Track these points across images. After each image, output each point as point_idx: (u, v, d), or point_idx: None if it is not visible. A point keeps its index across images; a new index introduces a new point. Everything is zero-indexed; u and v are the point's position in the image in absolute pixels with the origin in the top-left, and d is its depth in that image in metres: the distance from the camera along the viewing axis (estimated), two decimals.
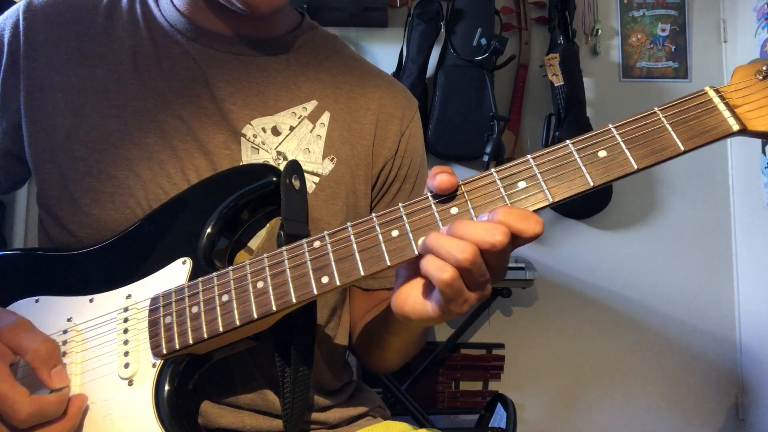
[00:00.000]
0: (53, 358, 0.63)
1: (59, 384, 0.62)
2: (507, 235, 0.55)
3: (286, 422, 0.71)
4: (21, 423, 0.58)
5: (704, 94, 0.59)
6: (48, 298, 0.73)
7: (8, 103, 0.83)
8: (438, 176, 0.59)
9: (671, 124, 0.58)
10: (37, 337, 0.62)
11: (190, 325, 0.65)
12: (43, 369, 0.62)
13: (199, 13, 0.84)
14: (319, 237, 0.63)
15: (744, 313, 2.77)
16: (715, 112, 0.58)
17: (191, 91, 0.81)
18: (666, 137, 0.58)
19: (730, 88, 0.59)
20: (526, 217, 0.56)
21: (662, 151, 0.58)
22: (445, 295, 0.56)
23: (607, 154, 0.58)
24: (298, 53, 0.89)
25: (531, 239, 0.56)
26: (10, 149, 0.85)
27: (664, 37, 2.85)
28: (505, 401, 2.26)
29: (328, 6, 2.51)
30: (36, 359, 0.61)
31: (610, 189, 2.69)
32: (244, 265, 0.65)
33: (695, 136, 0.58)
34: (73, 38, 0.83)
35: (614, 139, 0.58)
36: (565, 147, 0.59)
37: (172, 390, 0.66)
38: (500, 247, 0.54)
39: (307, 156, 0.84)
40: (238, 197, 0.73)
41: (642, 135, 0.58)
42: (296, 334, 0.71)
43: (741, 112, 0.57)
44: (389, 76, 0.98)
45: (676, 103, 0.59)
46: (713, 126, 0.58)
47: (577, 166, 0.58)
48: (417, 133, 0.97)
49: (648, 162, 0.58)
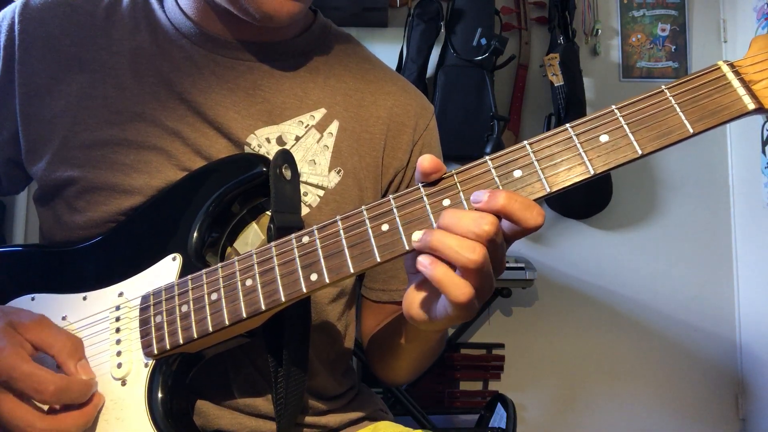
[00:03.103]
0: (78, 352, 0.65)
1: (85, 376, 0.64)
2: (495, 225, 0.52)
3: (279, 422, 0.71)
4: (50, 397, 0.60)
5: (717, 69, 0.53)
6: (43, 296, 0.73)
7: (5, 110, 0.81)
8: (420, 161, 0.56)
9: (680, 103, 0.53)
10: (61, 333, 0.65)
11: (180, 325, 0.65)
12: (69, 363, 0.64)
13: (206, 18, 0.81)
14: (308, 232, 0.61)
15: (744, 313, 2.76)
16: (728, 89, 0.52)
17: (192, 98, 0.78)
18: (673, 118, 0.53)
19: (746, 62, 0.53)
20: (529, 206, 0.52)
21: (669, 134, 0.53)
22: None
23: (609, 138, 0.54)
24: (308, 57, 0.86)
25: (531, 230, 0.53)
26: (10, 157, 0.84)
27: (664, 37, 2.84)
28: (505, 401, 2.26)
29: (328, 6, 2.51)
30: (63, 353, 0.64)
31: (610, 189, 2.69)
32: (233, 262, 0.64)
33: (706, 117, 0.52)
34: (70, 42, 0.80)
35: (617, 122, 0.54)
36: (564, 132, 0.55)
37: (165, 390, 0.66)
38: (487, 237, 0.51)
39: (313, 168, 0.81)
40: (226, 190, 0.72)
41: (647, 117, 0.53)
42: (288, 332, 0.70)
43: (758, 89, 0.52)
44: (404, 81, 0.94)
45: (686, 81, 0.54)
46: (726, 105, 0.52)
47: (577, 153, 0.54)
48: (432, 143, 0.93)
49: (654, 146, 0.53)
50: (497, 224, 0.52)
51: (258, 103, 0.80)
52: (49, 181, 0.79)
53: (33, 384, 0.59)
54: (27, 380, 0.59)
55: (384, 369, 0.90)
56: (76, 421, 0.63)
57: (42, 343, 0.64)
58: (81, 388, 0.63)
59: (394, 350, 0.83)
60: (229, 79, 0.80)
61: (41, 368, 0.61)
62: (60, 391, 0.60)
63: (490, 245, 0.52)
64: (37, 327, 0.64)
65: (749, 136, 2.70)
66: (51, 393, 0.60)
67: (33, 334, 0.63)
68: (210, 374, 0.75)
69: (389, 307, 0.91)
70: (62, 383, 0.61)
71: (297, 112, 0.82)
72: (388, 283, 0.90)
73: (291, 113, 0.81)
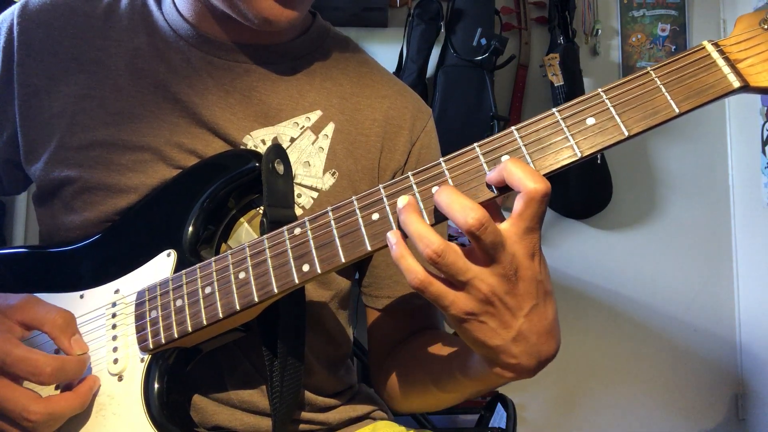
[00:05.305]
0: (71, 326, 0.66)
1: (79, 350, 0.65)
2: (480, 221, 0.50)
3: (275, 416, 0.71)
4: (47, 378, 0.61)
5: (702, 49, 0.54)
6: (41, 296, 0.73)
7: (4, 112, 0.82)
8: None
9: (665, 84, 0.54)
10: (52, 309, 0.65)
11: (174, 319, 0.65)
12: (62, 337, 0.64)
13: (203, 20, 0.81)
14: (299, 223, 0.61)
15: (744, 313, 2.76)
16: (713, 68, 0.53)
17: (189, 100, 0.79)
18: (659, 99, 0.53)
19: (731, 41, 0.54)
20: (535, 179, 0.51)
21: (655, 114, 0.53)
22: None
23: (596, 121, 0.54)
24: (305, 60, 0.86)
25: (539, 201, 0.51)
26: (10, 157, 0.85)
27: (664, 37, 2.85)
28: (505, 401, 2.26)
29: (328, 6, 2.52)
30: (55, 329, 0.64)
31: (610, 189, 2.69)
32: (226, 255, 0.65)
33: (691, 96, 0.53)
34: (68, 43, 0.81)
35: (604, 104, 0.54)
36: (551, 116, 0.55)
37: (161, 385, 0.66)
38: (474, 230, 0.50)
39: (307, 170, 0.81)
40: (219, 186, 0.72)
41: (633, 98, 0.54)
42: (282, 325, 0.70)
43: (743, 67, 0.53)
44: (401, 84, 0.94)
45: (672, 61, 0.55)
46: (711, 84, 0.53)
47: (564, 136, 0.54)
48: (430, 144, 0.92)
49: (640, 127, 0.53)
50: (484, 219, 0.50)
51: (254, 104, 0.80)
52: (47, 182, 0.79)
53: (28, 367, 0.60)
54: (21, 364, 0.60)
55: (396, 399, 0.87)
56: (70, 403, 0.63)
57: (33, 320, 0.64)
58: (76, 366, 0.64)
59: (421, 392, 0.79)
60: (226, 81, 0.80)
61: (34, 351, 0.61)
62: (56, 372, 0.61)
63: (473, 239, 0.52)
64: (25, 306, 0.65)
65: (749, 136, 2.70)
66: (48, 374, 0.60)
67: (23, 314, 0.64)
68: (206, 370, 0.76)
69: (398, 312, 0.89)
70: (57, 363, 0.61)
71: (292, 114, 0.82)
72: (394, 289, 0.88)
73: (286, 115, 0.81)
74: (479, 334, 0.55)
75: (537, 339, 0.57)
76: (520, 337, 0.56)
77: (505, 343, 0.56)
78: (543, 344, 0.58)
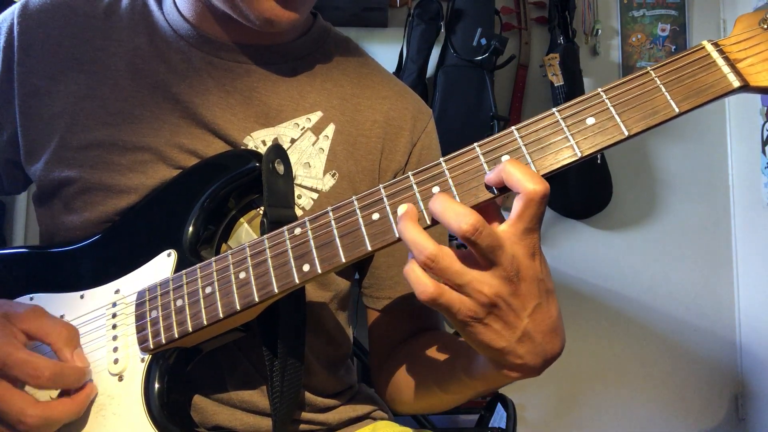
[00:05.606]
0: (74, 340, 0.66)
1: (81, 364, 0.65)
2: (475, 227, 0.50)
3: (275, 416, 0.71)
4: (46, 382, 0.61)
5: (701, 49, 0.54)
6: (42, 296, 0.74)
7: (4, 112, 0.82)
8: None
9: (665, 84, 0.54)
10: (57, 322, 0.66)
11: (175, 319, 0.65)
12: (65, 351, 0.65)
13: (204, 21, 0.81)
14: (300, 223, 0.61)
15: (744, 313, 2.76)
16: (713, 68, 0.53)
17: (189, 100, 0.78)
18: (659, 99, 0.53)
19: (730, 41, 0.54)
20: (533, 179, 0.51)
21: (655, 114, 0.53)
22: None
23: (595, 120, 0.54)
24: (306, 61, 0.85)
25: (538, 201, 0.51)
26: (10, 157, 0.85)
27: (664, 37, 2.85)
28: (505, 401, 2.26)
29: (328, 6, 2.52)
30: (59, 341, 0.65)
31: (610, 189, 2.69)
32: (226, 255, 0.65)
33: (691, 96, 0.53)
34: (69, 43, 0.81)
35: (603, 104, 0.54)
36: (551, 116, 0.55)
37: (161, 385, 0.66)
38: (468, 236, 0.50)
39: (307, 171, 0.81)
40: (220, 186, 0.72)
41: (633, 98, 0.54)
42: (282, 325, 0.70)
43: (742, 67, 0.53)
44: (401, 84, 0.94)
45: (671, 61, 0.55)
46: (711, 84, 0.53)
47: (564, 136, 0.54)
48: (431, 145, 0.92)
49: (640, 127, 0.53)
50: (479, 223, 0.50)
51: (254, 105, 0.80)
52: (47, 182, 0.79)
53: (28, 370, 0.60)
54: (22, 366, 0.60)
55: (398, 401, 0.87)
56: (67, 408, 0.63)
57: (37, 332, 0.65)
58: (76, 374, 0.64)
59: (448, 384, 0.77)
60: (226, 81, 0.80)
61: (35, 355, 0.62)
62: (55, 376, 0.61)
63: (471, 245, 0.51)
64: (32, 316, 0.65)
65: (749, 136, 2.70)
66: (47, 378, 0.61)
67: (28, 324, 0.64)
68: (206, 370, 0.76)
69: (399, 313, 0.89)
70: (57, 368, 0.62)
71: (293, 115, 0.82)
72: (394, 290, 0.88)
73: (287, 115, 0.81)
74: (485, 337, 0.55)
75: (542, 338, 0.57)
76: (525, 338, 0.56)
77: (510, 344, 0.56)
78: (548, 343, 0.58)
